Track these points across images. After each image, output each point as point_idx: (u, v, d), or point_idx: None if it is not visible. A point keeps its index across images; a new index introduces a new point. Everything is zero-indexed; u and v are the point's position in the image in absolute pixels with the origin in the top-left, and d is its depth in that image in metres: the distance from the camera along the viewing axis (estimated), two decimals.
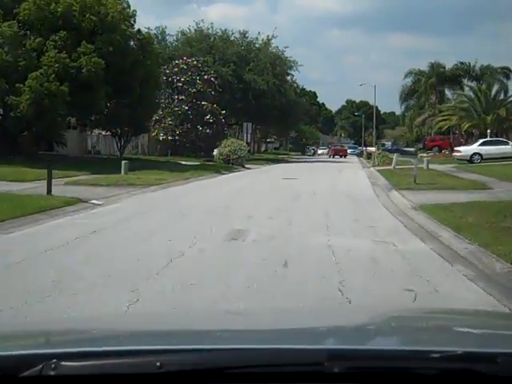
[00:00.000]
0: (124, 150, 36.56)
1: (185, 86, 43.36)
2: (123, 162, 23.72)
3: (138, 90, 29.12)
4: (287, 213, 12.29)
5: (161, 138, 43.89)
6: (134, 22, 29.79)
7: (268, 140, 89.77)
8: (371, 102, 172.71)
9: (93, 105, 26.22)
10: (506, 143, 35.16)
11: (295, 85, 55.29)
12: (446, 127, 45.04)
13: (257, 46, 51.31)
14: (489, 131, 38.90)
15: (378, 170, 31.04)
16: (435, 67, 63.32)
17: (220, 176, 26.86)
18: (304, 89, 67.33)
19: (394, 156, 31.30)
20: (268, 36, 50.83)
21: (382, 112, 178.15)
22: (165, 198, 16.72)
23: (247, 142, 45.35)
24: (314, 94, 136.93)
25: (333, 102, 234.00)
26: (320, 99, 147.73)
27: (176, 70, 43.82)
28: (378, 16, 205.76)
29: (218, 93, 44.75)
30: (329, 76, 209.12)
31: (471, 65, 62.43)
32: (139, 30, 30.30)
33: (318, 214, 12.16)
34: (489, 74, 60.46)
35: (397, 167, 31.00)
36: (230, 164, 35.42)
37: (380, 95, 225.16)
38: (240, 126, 62.97)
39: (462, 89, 62.47)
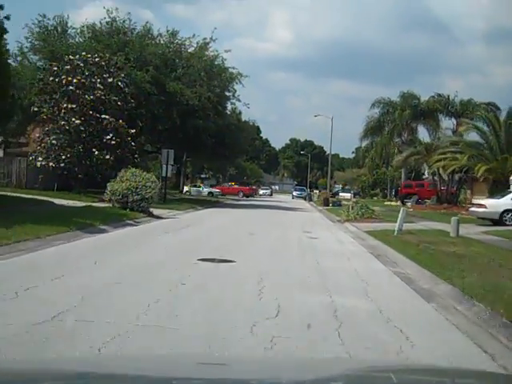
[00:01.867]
0: None
1: (78, 91, 29.86)
2: None
3: None
4: None
5: (39, 165, 30.04)
6: None
7: (202, 176, 76.59)
8: (316, 142, 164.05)
9: None
10: None
11: (236, 105, 41.07)
12: (451, 169, 32.95)
13: (189, 51, 38.27)
14: None
15: (371, 233, 18.34)
16: (407, 98, 52.11)
17: (85, 239, 13.40)
18: (246, 121, 53.11)
19: (401, 212, 18.52)
20: (205, 39, 37.96)
21: (326, 153, 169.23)
22: None
23: (163, 177, 32.31)
24: (258, 128, 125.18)
25: (276, 140, 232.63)
26: (263, 135, 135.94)
27: (68, 68, 30.36)
28: (321, 62, 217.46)
29: (127, 105, 31.51)
30: (271, 115, 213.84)
31: (450, 98, 51.65)
32: None
33: None
34: (471, 110, 49.77)
35: (403, 229, 18.35)
36: (128, 209, 22.01)
37: (324, 138, 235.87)
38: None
39: (438, 126, 51.70)
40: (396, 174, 58.66)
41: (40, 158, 29.76)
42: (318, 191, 70.78)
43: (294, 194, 78.83)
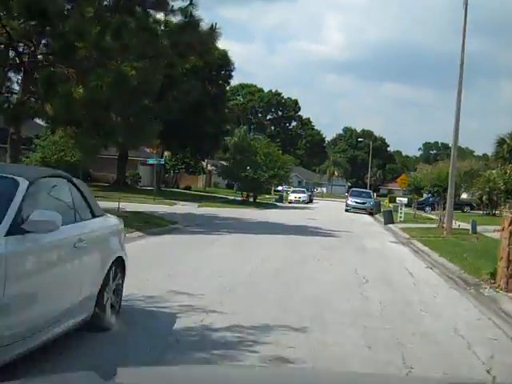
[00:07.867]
0: None
1: None
2: None
3: None
4: None
5: None
6: None
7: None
8: (376, 132, 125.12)
9: None
10: None
11: None
12: None
13: None
14: None
15: None
16: None
17: None
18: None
19: None
20: None
21: (389, 147, 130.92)
22: None
23: None
24: (296, 102, 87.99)
25: (326, 132, 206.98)
26: (304, 113, 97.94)
27: None
28: (372, 65, 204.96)
29: None
30: (323, 118, 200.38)
31: None
32: None
33: None
34: None
35: None
36: None
37: (386, 129, 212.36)
38: None
39: None
40: None
41: None
42: (403, 200, 33.95)
43: (351, 202, 41.78)
